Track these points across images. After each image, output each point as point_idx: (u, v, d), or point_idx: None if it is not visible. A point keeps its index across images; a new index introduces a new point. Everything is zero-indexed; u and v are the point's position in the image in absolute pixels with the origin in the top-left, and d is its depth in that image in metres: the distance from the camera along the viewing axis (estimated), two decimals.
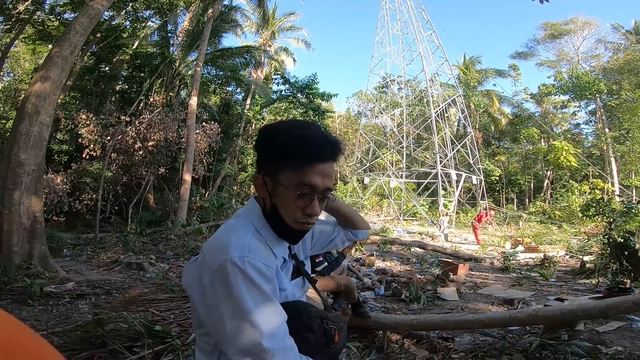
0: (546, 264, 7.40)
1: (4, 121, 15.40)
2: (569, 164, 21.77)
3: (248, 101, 19.31)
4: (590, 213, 7.78)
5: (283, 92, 19.27)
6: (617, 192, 20.57)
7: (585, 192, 20.47)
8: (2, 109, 17.29)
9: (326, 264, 3.25)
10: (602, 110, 24.69)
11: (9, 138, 5.58)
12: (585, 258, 7.56)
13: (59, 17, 11.92)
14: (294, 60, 24.37)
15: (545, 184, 26.38)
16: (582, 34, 26.84)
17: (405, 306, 4.52)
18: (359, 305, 3.26)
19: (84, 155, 10.94)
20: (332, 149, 0.85)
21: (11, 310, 3.44)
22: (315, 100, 18.26)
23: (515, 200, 27.13)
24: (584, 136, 29.05)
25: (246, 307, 0.71)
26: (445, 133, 22.25)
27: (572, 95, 24.78)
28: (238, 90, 20.26)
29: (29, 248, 5.04)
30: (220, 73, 16.76)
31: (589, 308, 2.86)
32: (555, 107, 28.94)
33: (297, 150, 0.81)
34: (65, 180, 10.83)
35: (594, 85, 22.36)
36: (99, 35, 12.66)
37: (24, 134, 5.09)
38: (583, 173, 24.22)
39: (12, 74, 19.95)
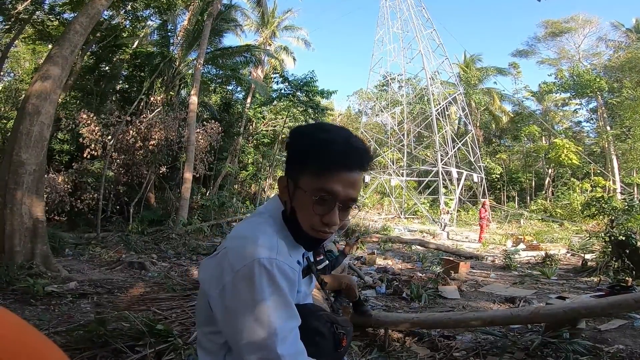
0: (548, 262, 7.40)
1: (4, 121, 15.41)
2: (570, 161, 21.71)
3: (248, 100, 19.29)
4: (592, 211, 7.77)
5: (282, 91, 19.26)
6: (618, 190, 20.54)
7: (587, 190, 20.42)
8: (2, 109, 17.31)
9: (327, 262, 3.26)
10: (603, 108, 24.63)
11: (10, 138, 5.58)
12: (587, 256, 7.56)
13: (58, 17, 11.92)
14: (294, 60, 24.37)
15: (546, 182, 26.33)
16: (583, 32, 26.75)
17: (406, 304, 4.53)
18: (360, 303, 3.26)
19: (85, 155, 10.94)
20: (358, 157, 0.81)
21: (14, 310, 3.43)
22: (314, 98, 18.23)
23: (516, 198, 27.09)
24: (585, 134, 28.96)
25: (267, 311, 0.71)
26: (446, 131, 22.21)
27: (573, 93, 24.70)
28: (238, 89, 20.27)
29: (31, 248, 5.05)
30: (221, 72, 16.74)
31: (590, 306, 2.85)
32: (556, 105, 28.86)
33: (317, 154, 0.78)
34: (66, 179, 10.85)
35: (595, 83, 22.30)
36: (98, 34, 12.66)
37: (24, 134, 5.10)
38: (584, 171, 24.16)
39: (12, 74, 19.96)
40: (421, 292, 4.67)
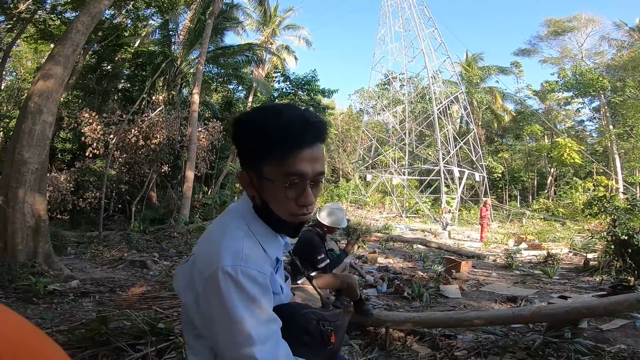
0: (549, 262, 7.38)
1: (7, 120, 15.49)
2: (572, 160, 21.64)
3: (250, 99, 19.31)
4: (594, 210, 7.74)
5: (284, 90, 19.27)
6: (621, 189, 20.47)
7: (589, 189, 20.35)
8: (5, 108, 17.37)
9: (328, 261, 3.26)
10: (606, 107, 24.54)
11: (13, 137, 5.60)
12: (589, 255, 7.53)
13: (60, 16, 11.94)
14: (296, 59, 24.35)
15: (548, 181, 26.26)
16: (585, 31, 26.66)
17: (407, 303, 4.52)
18: (361, 302, 3.26)
19: (87, 154, 10.98)
20: (316, 131, 0.77)
21: (16, 309, 3.47)
22: (316, 96, 18.23)
23: (518, 197, 27.03)
24: (587, 133, 28.89)
25: (238, 318, 0.69)
26: (447, 130, 22.17)
27: (576, 92, 24.64)
28: (240, 88, 20.29)
29: (34, 246, 5.06)
30: (222, 71, 16.76)
31: (592, 306, 2.85)
32: (559, 104, 28.78)
33: (278, 140, 0.74)
34: (68, 178, 10.88)
35: (598, 82, 22.22)
36: (100, 33, 12.68)
37: (27, 133, 5.11)
38: (587, 170, 24.10)
39: (14, 73, 20.04)
40: (422, 291, 4.66)
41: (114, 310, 3.41)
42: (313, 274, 3.17)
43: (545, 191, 25.60)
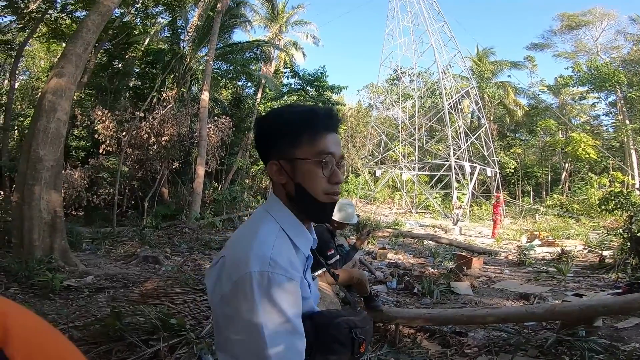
0: (564, 259, 7.23)
1: (22, 118, 15.85)
2: (587, 156, 21.15)
3: (259, 95, 19.36)
4: (610, 206, 7.56)
5: (293, 86, 19.26)
6: (637, 185, 19.95)
7: (605, 185, 19.88)
8: (20, 106, 17.77)
9: (338, 257, 3.26)
10: (622, 101, 23.93)
11: (28, 135, 5.71)
12: (605, 253, 7.36)
13: (70, 15, 12.11)
14: (304, 55, 24.31)
15: (563, 177, 25.73)
16: (600, 26, 26.01)
17: (417, 300, 4.50)
18: (371, 298, 3.26)
19: (100, 151, 11.17)
20: (336, 119, 0.88)
21: (33, 304, 3.56)
22: (324, 92, 18.18)
23: (531, 193, 26.58)
24: (603, 128, 28.19)
25: (261, 328, 0.68)
26: (458, 125, 21.88)
27: (591, 87, 24.10)
28: (249, 84, 20.34)
29: (50, 242, 5.16)
30: (231, 68, 16.83)
31: (608, 304, 2.79)
32: (574, 98, 28.14)
33: (308, 123, 0.83)
34: (83, 175, 11.09)
35: (614, 77, 21.67)
36: (111, 32, 12.83)
37: (42, 131, 5.20)
38: (602, 165, 23.53)
39: (28, 72, 20.47)
40: (433, 288, 4.63)
41: (127, 306, 3.47)
42: (321, 270, 3.18)
43: (560, 187, 25.10)
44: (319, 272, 3.04)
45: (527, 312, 3.04)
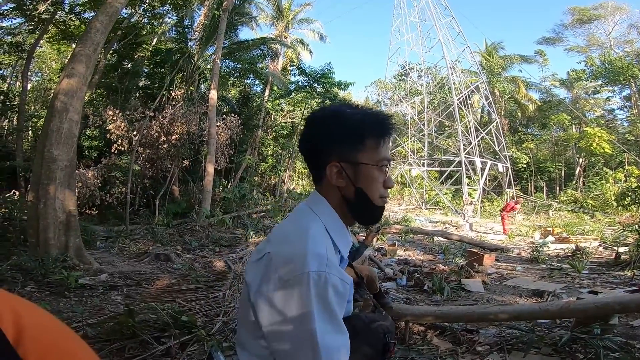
0: (578, 255, 7.10)
1: (35, 119, 16.18)
2: (602, 150, 20.69)
3: (267, 93, 19.40)
4: (626, 202, 7.39)
5: (300, 83, 19.25)
6: None
7: (620, 180, 19.41)
8: (33, 108, 18.13)
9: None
10: (637, 95, 23.43)
11: (41, 135, 5.82)
12: (620, 249, 7.19)
13: (79, 17, 12.28)
14: (310, 52, 24.20)
15: (577, 172, 25.23)
16: (613, 19, 25.60)
17: (427, 297, 4.47)
18: (380, 295, 3.24)
19: (112, 150, 11.35)
20: (393, 125, 0.89)
21: (49, 303, 3.63)
22: (331, 89, 18.13)
23: (544, 188, 26.13)
24: (618, 122, 27.61)
25: (313, 329, 0.68)
26: (468, 120, 21.60)
27: (605, 81, 23.65)
28: (256, 82, 20.40)
29: (65, 241, 5.26)
30: (238, 66, 16.89)
31: (625, 301, 2.72)
32: (587, 92, 27.59)
33: (374, 128, 0.84)
34: (96, 174, 11.28)
35: (628, 71, 21.25)
36: (119, 32, 12.99)
37: (55, 131, 5.30)
38: (618, 160, 23.00)
39: (40, 74, 20.87)
40: (443, 285, 4.58)
41: (140, 304, 3.52)
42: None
43: (574, 182, 24.63)
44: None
45: (540, 310, 2.98)
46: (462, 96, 21.57)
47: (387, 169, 0.86)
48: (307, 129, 0.88)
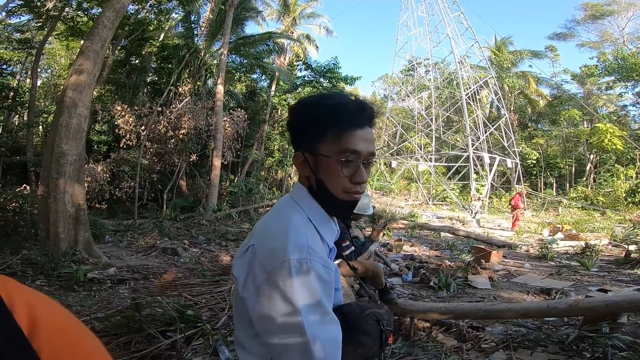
0: (588, 253, 7.00)
1: (45, 115, 16.40)
2: (614, 147, 20.30)
3: (273, 88, 19.38)
4: (637, 199, 7.24)
5: (306, 78, 19.19)
6: None
7: (632, 177, 19.06)
8: (43, 103, 18.36)
9: (353, 248, 3.23)
10: None
11: (51, 130, 5.89)
12: (631, 247, 7.08)
13: (87, 13, 12.37)
14: (317, 47, 24.04)
15: (587, 168, 24.81)
16: (626, 15, 25.06)
17: (433, 293, 4.45)
18: (386, 291, 3.23)
19: (121, 145, 11.47)
20: (368, 114, 0.83)
21: (58, 296, 3.70)
22: (338, 84, 18.04)
23: (554, 184, 25.78)
24: (630, 118, 27.06)
25: (299, 320, 0.67)
26: (477, 115, 21.33)
27: (618, 77, 23.22)
28: (263, 77, 20.38)
29: (74, 235, 5.34)
30: (245, 61, 16.89)
31: (635, 300, 2.67)
32: (599, 88, 27.07)
33: (334, 119, 0.80)
34: (105, 169, 11.42)
35: None
36: (127, 29, 13.04)
37: (64, 126, 5.36)
38: (629, 156, 22.56)
39: (49, 70, 21.10)
40: (449, 281, 4.55)
41: (147, 297, 3.56)
42: (338, 261, 3.17)
43: (584, 179, 24.24)
44: (336, 261, 3.03)
45: (548, 307, 2.95)
46: (470, 91, 21.30)
47: (354, 162, 0.80)
48: (289, 118, 0.89)
